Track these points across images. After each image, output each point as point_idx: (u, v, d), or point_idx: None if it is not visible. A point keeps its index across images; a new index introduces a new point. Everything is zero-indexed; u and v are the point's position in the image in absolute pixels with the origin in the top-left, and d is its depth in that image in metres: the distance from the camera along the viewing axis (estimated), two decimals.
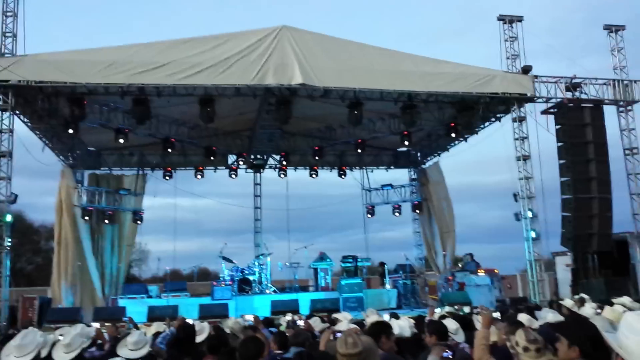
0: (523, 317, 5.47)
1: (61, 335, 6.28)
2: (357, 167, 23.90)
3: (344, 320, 6.46)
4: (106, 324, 8.52)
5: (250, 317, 8.39)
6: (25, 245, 33.58)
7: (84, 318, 14.59)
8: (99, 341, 6.85)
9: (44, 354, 4.77)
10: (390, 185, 23.64)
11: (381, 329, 4.93)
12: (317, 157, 21.65)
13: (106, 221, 19.92)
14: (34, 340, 4.54)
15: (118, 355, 5.01)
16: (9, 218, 14.43)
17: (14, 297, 14.99)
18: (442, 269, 22.00)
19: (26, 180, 22.35)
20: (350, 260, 19.39)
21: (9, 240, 14.56)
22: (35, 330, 4.94)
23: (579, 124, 17.39)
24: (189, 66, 14.88)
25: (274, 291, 18.80)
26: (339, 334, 4.06)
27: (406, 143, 19.92)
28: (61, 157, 19.11)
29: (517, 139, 17.42)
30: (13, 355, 4.38)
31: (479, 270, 19.01)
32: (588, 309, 7.81)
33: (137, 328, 9.63)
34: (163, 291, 18.28)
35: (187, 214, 25.29)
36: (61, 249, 18.31)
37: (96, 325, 8.09)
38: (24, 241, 32.24)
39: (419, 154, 24.03)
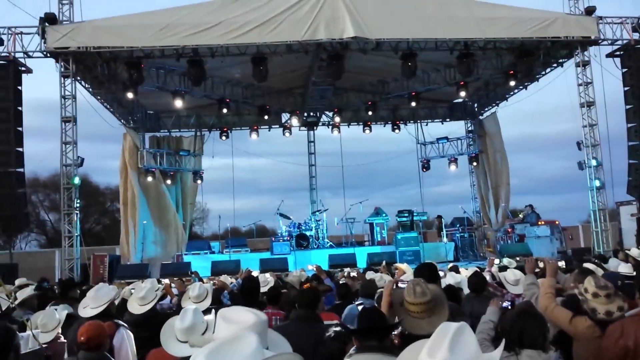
0: (590, 266, 5.36)
1: (133, 289, 6.66)
2: (412, 121, 23.46)
3: (407, 270, 6.47)
4: (174, 279, 8.90)
5: (312, 267, 8.51)
6: (92, 207, 35.22)
7: (151, 274, 15.30)
8: (168, 296, 7.20)
9: (116, 304, 5.12)
10: (446, 138, 23.18)
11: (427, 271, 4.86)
12: (370, 113, 21.43)
13: (168, 181, 20.61)
14: (107, 293, 4.88)
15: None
16: (77, 180, 15.07)
17: (85, 256, 15.75)
18: (494, 223, 21.66)
19: (88, 145, 23.27)
20: (406, 214, 19.34)
21: (78, 201, 15.26)
22: (107, 285, 5.33)
23: None
24: (239, 25, 14.79)
25: (331, 246, 19.05)
26: (402, 284, 3.97)
27: (462, 94, 19.38)
28: (122, 120, 19.72)
29: (580, 85, 16.68)
30: (89, 307, 4.72)
31: (539, 222, 18.61)
32: None
33: (202, 282, 10.00)
34: (225, 247, 18.89)
35: (244, 174, 25.80)
36: (127, 209, 19.12)
37: (165, 281, 8.46)
38: (91, 203, 33.80)
39: (475, 105, 23.38)
